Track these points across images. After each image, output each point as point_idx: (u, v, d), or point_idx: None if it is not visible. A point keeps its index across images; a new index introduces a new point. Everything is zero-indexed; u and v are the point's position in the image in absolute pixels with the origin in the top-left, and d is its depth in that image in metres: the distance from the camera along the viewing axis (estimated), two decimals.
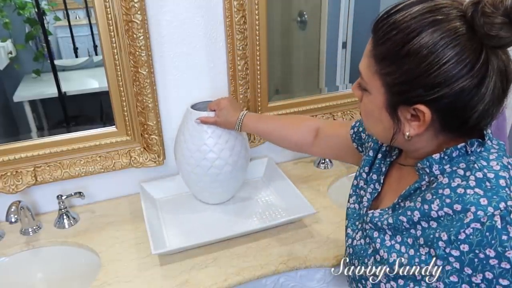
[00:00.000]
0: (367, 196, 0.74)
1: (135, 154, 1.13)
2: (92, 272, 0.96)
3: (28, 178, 1.05)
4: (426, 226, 0.58)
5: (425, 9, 0.53)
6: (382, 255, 0.64)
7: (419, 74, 0.53)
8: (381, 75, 0.57)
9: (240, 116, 1.00)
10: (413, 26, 0.53)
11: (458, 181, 0.56)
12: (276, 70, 1.29)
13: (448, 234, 0.54)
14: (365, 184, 0.76)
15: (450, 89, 0.52)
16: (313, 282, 0.98)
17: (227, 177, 1.07)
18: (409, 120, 0.58)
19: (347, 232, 0.77)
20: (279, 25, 1.29)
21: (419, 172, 0.62)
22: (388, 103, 0.59)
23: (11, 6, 0.99)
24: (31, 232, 1.05)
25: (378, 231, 0.67)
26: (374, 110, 0.62)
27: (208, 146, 1.03)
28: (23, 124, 1.13)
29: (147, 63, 1.03)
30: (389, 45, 0.55)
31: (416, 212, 0.59)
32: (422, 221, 0.58)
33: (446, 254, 0.54)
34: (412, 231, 0.60)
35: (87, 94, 1.18)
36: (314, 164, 1.36)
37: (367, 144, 0.80)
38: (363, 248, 0.70)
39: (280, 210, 1.12)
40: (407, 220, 0.60)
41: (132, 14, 0.96)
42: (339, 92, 1.38)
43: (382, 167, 0.74)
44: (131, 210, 1.14)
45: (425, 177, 0.61)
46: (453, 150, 0.58)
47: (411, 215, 0.60)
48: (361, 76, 0.62)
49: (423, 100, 0.54)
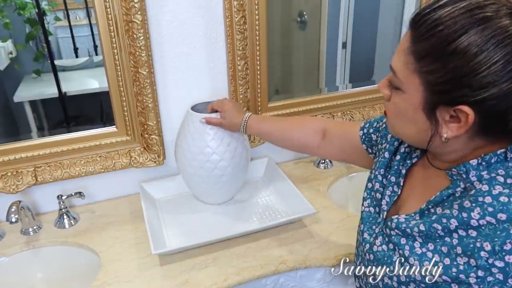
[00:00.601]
0: (386, 199, 0.71)
1: (135, 154, 1.14)
2: (92, 272, 0.96)
3: (29, 178, 1.05)
4: (464, 234, 0.55)
5: (473, 5, 0.51)
6: (413, 263, 0.61)
7: (466, 73, 0.50)
8: (422, 73, 0.55)
9: (244, 117, 0.99)
10: (462, 23, 0.50)
11: (499, 188, 0.54)
12: (276, 70, 1.29)
13: (491, 244, 0.51)
14: (381, 187, 0.73)
15: (498, 90, 0.50)
16: (313, 282, 0.98)
17: (229, 178, 1.07)
18: (447, 122, 0.55)
19: (364, 237, 0.73)
20: (279, 25, 1.29)
21: (453, 178, 0.59)
22: (427, 102, 0.56)
23: (12, 6, 0.99)
24: (31, 232, 1.05)
25: (406, 238, 0.63)
26: (408, 110, 0.59)
27: (211, 148, 1.03)
28: (24, 124, 1.13)
29: (147, 63, 1.03)
30: (433, 42, 0.52)
31: (453, 220, 0.56)
32: (460, 229, 0.56)
33: (489, 265, 0.52)
34: (447, 239, 0.57)
35: (87, 94, 1.18)
36: (314, 164, 1.36)
37: (381, 146, 0.78)
38: (386, 254, 0.66)
39: (280, 210, 1.12)
40: (442, 228, 0.57)
41: (132, 14, 0.96)
42: (339, 92, 1.38)
43: (401, 169, 0.71)
44: (131, 210, 1.14)
45: (460, 183, 0.58)
46: (492, 156, 0.56)
47: (447, 222, 0.57)
48: (394, 74, 0.59)
49: (467, 101, 0.52)
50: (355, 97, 1.37)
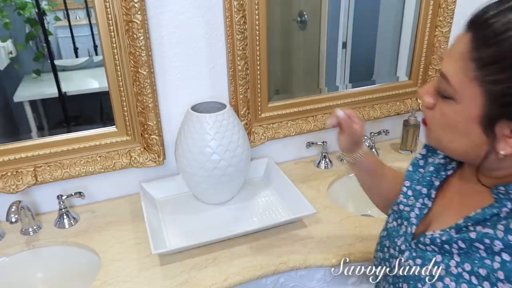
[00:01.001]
0: (416, 212, 0.66)
1: (135, 154, 1.14)
2: (92, 272, 0.96)
3: (29, 178, 1.05)
4: (509, 259, 0.50)
5: None
6: (448, 283, 0.56)
7: None
8: (484, 82, 0.49)
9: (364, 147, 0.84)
10: None
11: None
12: (276, 70, 1.29)
13: None
14: (405, 198, 0.69)
15: None
16: (313, 282, 0.98)
17: (229, 178, 1.07)
18: (506, 137, 0.50)
19: (391, 252, 0.68)
20: (279, 25, 1.29)
21: (499, 196, 0.54)
22: (486, 115, 0.50)
23: (12, 6, 0.99)
24: (31, 232, 1.05)
25: (443, 255, 0.58)
26: (460, 122, 0.53)
27: (211, 148, 1.03)
28: (23, 124, 1.13)
29: (147, 63, 1.03)
30: (503, 48, 0.47)
31: (497, 242, 0.51)
32: (504, 252, 0.51)
33: None
34: (487, 261, 0.52)
35: (87, 94, 1.18)
36: (314, 164, 1.36)
37: None
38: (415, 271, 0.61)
39: (280, 210, 1.12)
40: (485, 249, 0.53)
41: (132, 14, 0.96)
42: (339, 92, 1.38)
43: (434, 180, 0.67)
44: (131, 210, 1.14)
45: (506, 202, 0.53)
46: None
47: (490, 244, 0.52)
48: (446, 81, 0.53)
49: None
50: (355, 97, 1.37)
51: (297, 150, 1.38)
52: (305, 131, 1.32)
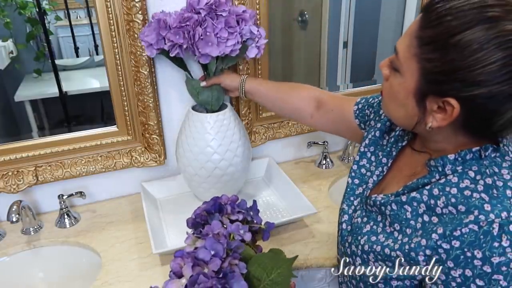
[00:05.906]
0: (373, 178, 0.74)
1: (136, 153, 1.14)
2: (93, 271, 0.96)
3: (29, 178, 1.05)
4: (427, 220, 0.59)
5: (485, 2, 0.51)
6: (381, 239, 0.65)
7: (461, 67, 0.51)
8: (421, 59, 0.55)
9: (242, 78, 1.02)
10: (470, 17, 0.50)
11: (467, 182, 0.57)
12: (276, 70, 1.29)
13: (444, 229, 0.55)
14: (368, 163, 0.77)
15: (487, 91, 0.51)
16: (314, 282, 0.98)
17: (230, 178, 1.07)
18: (434, 112, 0.57)
19: (342, 207, 0.77)
20: (280, 24, 1.28)
21: (430, 169, 0.62)
22: (419, 90, 0.57)
23: (12, 5, 0.99)
24: (32, 231, 1.05)
25: (382, 215, 0.67)
26: (400, 93, 0.60)
27: (212, 148, 1.03)
28: (24, 124, 1.13)
29: (148, 62, 1.03)
30: (439, 30, 0.53)
31: (422, 204, 0.60)
32: (425, 214, 0.60)
33: (436, 246, 0.56)
34: (412, 222, 0.61)
35: (88, 93, 1.18)
36: (315, 164, 1.35)
37: (373, 123, 0.80)
38: (358, 226, 0.71)
39: (281, 210, 1.12)
40: (411, 211, 0.62)
41: (133, 14, 0.96)
42: (340, 92, 1.37)
43: (393, 151, 0.73)
44: (132, 210, 1.14)
45: (435, 174, 0.61)
46: (467, 153, 0.58)
47: (417, 206, 0.61)
48: (397, 54, 0.59)
49: (456, 95, 0.53)
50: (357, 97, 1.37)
51: (298, 150, 1.38)
52: (306, 131, 1.32)
